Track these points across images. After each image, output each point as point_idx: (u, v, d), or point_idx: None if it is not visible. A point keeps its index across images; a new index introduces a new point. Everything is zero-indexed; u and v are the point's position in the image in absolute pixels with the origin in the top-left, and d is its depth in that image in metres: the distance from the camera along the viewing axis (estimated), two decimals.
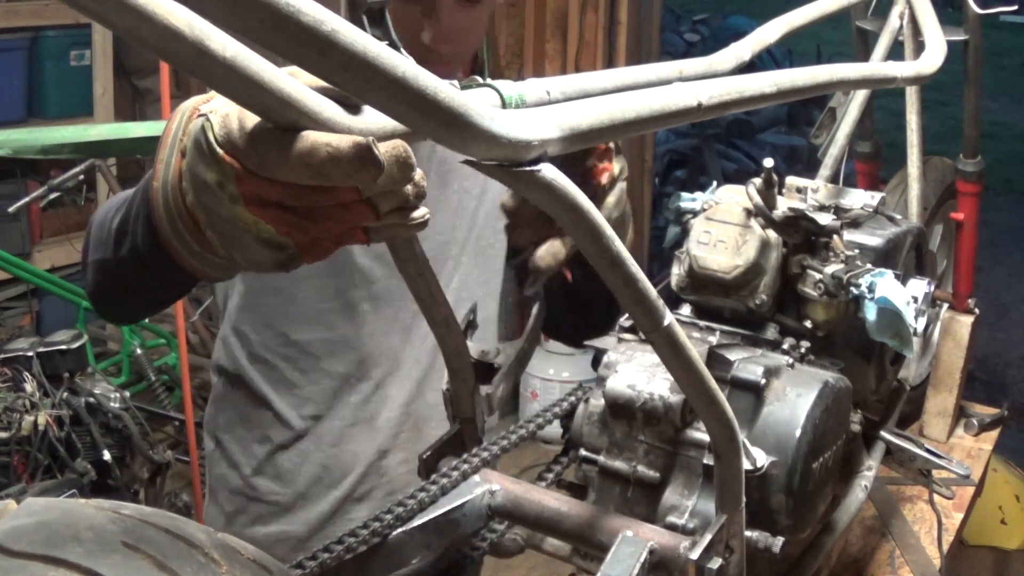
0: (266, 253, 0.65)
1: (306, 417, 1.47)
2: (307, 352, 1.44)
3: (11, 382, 2.66)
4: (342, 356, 1.45)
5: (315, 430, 1.47)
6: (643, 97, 0.72)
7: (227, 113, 0.61)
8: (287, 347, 1.45)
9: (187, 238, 0.69)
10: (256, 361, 1.47)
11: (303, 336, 1.44)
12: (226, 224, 0.64)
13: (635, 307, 0.72)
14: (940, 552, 1.70)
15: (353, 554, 0.86)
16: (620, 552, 0.89)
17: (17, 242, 3.94)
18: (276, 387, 1.47)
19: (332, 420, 1.47)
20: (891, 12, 1.85)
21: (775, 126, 7.33)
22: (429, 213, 0.66)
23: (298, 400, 1.47)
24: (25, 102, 4.03)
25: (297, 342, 1.44)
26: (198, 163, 0.64)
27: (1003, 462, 3.28)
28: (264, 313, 1.46)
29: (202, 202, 0.65)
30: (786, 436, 1.02)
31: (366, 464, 1.49)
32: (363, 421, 1.48)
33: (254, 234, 0.64)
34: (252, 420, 1.50)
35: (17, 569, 0.51)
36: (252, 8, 0.46)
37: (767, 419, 1.04)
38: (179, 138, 0.68)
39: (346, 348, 1.44)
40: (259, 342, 1.46)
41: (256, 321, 1.47)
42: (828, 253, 1.20)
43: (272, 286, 1.44)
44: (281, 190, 0.61)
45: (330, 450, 1.48)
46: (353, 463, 1.49)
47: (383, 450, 1.50)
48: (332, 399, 1.46)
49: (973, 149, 2.14)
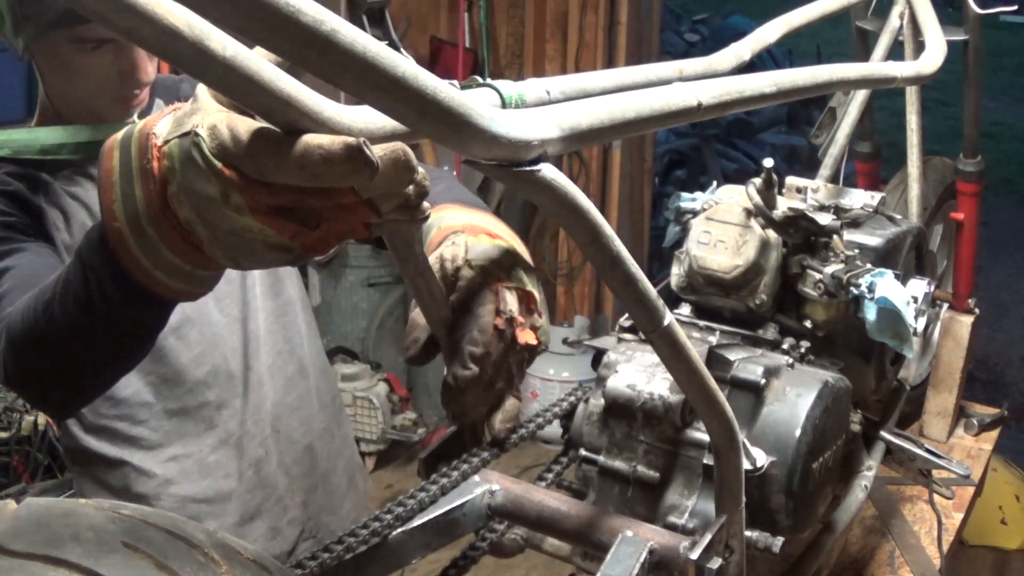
0: (274, 256, 0.65)
1: (165, 461, 1.45)
2: (136, 403, 1.42)
3: None
4: (170, 393, 1.43)
5: (179, 470, 1.45)
6: (643, 97, 0.72)
7: (214, 124, 0.61)
8: (116, 407, 1.42)
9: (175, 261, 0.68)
10: (93, 432, 1.44)
11: (126, 391, 1.41)
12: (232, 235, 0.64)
13: (635, 307, 0.72)
14: (940, 552, 1.70)
15: (353, 554, 0.86)
16: (620, 552, 0.89)
17: None
18: (123, 447, 1.44)
19: (191, 456, 1.45)
20: (891, 12, 1.85)
21: (775, 126, 7.33)
22: (431, 210, 0.66)
23: (148, 450, 1.44)
24: (25, 102, 4.03)
25: (124, 399, 1.42)
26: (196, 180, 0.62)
27: (1003, 462, 3.28)
28: None
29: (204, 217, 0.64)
30: (786, 436, 1.02)
31: (247, 481, 1.48)
32: (220, 444, 1.47)
33: (261, 240, 0.63)
34: (114, 484, 1.46)
35: (17, 569, 0.51)
36: (252, 8, 0.46)
37: (767, 419, 1.04)
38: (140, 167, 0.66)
39: (170, 384, 1.43)
40: (89, 412, 1.43)
41: None
42: (828, 253, 1.20)
43: None
44: (282, 195, 0.61)
45: (202, 483, 1.46)
46: (230, 487, 1.48)
47: (255, 461, 1.49)
48: (180, 436, 1.45)
49: (973, 149, 2.14)
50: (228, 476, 1.48)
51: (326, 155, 0.56)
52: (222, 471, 1.47)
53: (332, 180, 0.58)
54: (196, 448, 1.46)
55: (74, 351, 0.93)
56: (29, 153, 1.37)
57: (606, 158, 4.37)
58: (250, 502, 1.49)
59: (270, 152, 0.58)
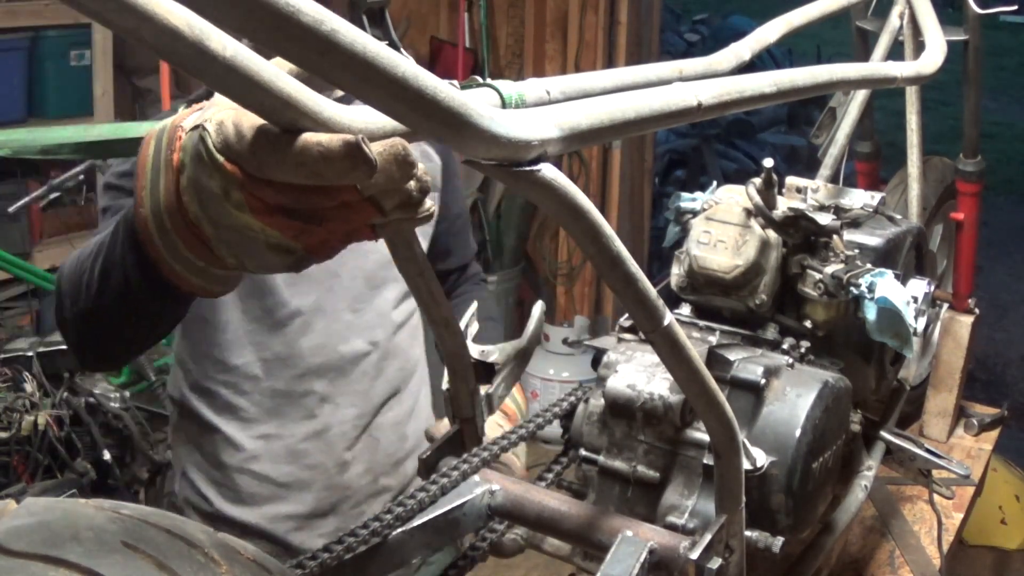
0: (276, 257, 0.65)
1: (255, 438, 1.48)
2: (245, 374, 1.46)
3: (11, 382, 2.65)
4: (279, 374, 1.46)
5: (267, 449, 1.48)
6: (643, 97, 0.72)
7: (222, 120, 0.61)
8: (224, 373, 1.46)
9: (189, 256, 0.68)
10: (196, 390, 1.49)
11: (238, 360, 1.45)
12: (234, 233, 0.64)
13: (635, 307, 0.72)
14: (940, 552, 1.70)
15: (353, 554, 0.86)
16: (620, 552, 0.89)
17: (17, 242, 3.93)
18: (221, 413, 1.48)
19: (282, 438, 1.48)
20: (891, 12, 1.85)
21: (775, 126, 7.33)
22: (435, 207, 0.66)
23: (244, 422, 1.48)
24: (25, 102, 4.02)
25: (234, 366, 1.45)
26: (200, 174, 0.63)
27: (1003, 462, 3.28)
28: (198, 342, 1.47)
29: (208, 213, 0.64)
30: (786, 436, 1.02)
31: (325, 478, 1.51)
32: (314, 436, 1.49)
33: (263, 240, 0.63)
34: (204, 446, 1.51)
35: (17, 569, 0.51)
36: (252, 8, 0.46)
37: (767, 419, 1.04)
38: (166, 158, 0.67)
39: (282, 366, 1.46)
40: (197, 371, 1.48)
41: (193, 351, 1.49)
42: (828, 253, 1.20)
43: (200, 315, 1.44)
44: (283, 194, 0.61)
45: (286, 468, 1.49)
46: (312, 479, 1.50)
47: (342, 463, 1.51)
48: (278, 417, 1.48)
49: (973, 149, 2.14)
50: (312, 468, 1.50)
51: (324, 152, 0.57)
52: (308, 461, 1.50)
53: (331, 177, 0.58)
54: (289, 432, 1.48)
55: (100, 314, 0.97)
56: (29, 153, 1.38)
57: (606, 158, 4.37)
58: (326, 499, 1.51)
59: (270, 149, 0.58)
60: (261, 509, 1.50)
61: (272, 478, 1.49)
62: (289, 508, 1.50)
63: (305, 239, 0.64)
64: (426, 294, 0.92)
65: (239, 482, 1.50)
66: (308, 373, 1.46)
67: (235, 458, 1.49)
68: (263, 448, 1.48)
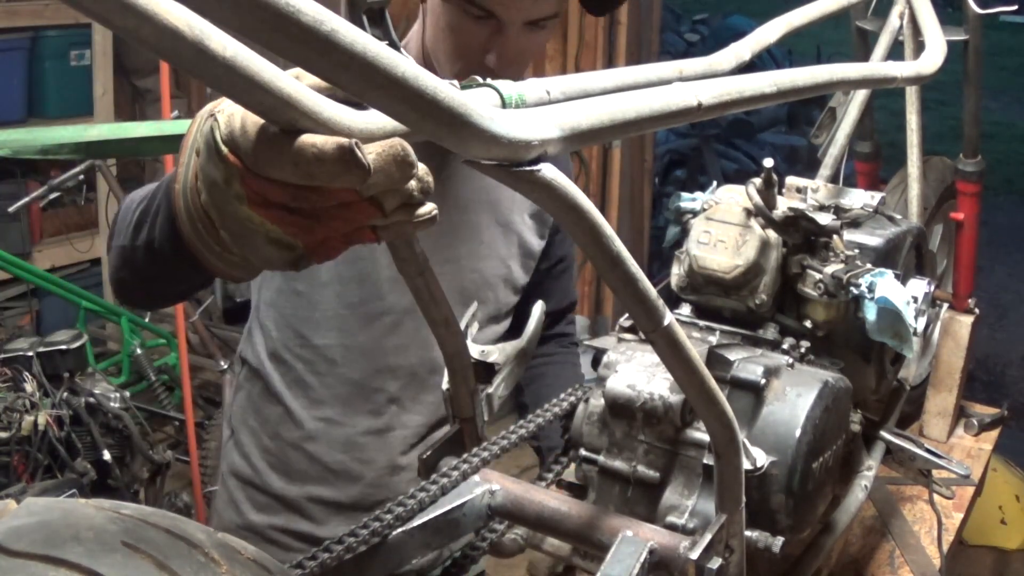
0: (275, 252, 0.66)
1: (318, 419, 1.48)
2: (324, 356, 1.45)
3: (11, 382, 2.65)
4: (358, 364, 1.45)
5: (326, 433, 1.48)
6: (643, 97, 0.72)
7: (232, 113, 0.62)
8: (305, 349, 1.46)
9: (207, 238, 0.70)
10: (274, 358, 1.49)
11: (321, 340, 1.45)
12: (235, 223, 0.66)
13: (635, 307, 0.72)
14: (940, 552, 1.70)
15: (353, 554, 0.86)
16: (620, 552, 0.89)
17: (17, 242, 3.93)
18: (291, 386, 1.48)
19: (344, 426, 1.47)
20: (891, 12, 1.85)
21: (775, 126, 7.33)
22: (437, 209, 0.66)
23: (311, 401, 1.48)
24: (25, 102, 4.03)
25: (315, 345, 1.45)
26: (208, 162, 0.65)
27: (1003, 462, 3.27)
28: (286, 313, 1.47)
29: (213, 201, 0.66)
30: (786, 436, 1.02)
31: (376, 476, 1.50)
32: (375, 432, 1.48)
33: (263, 233, 0.65)
34: (265, 414, 1.51)
35: (17, 569, 0.51)
36: (252, 8, 0.46)
37: (767, 419, 1.04)
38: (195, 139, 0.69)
39: (362, 356, 1.45)
40: (279, 339, 1.48)
41: (278, 319, 1.48)
42: (828, 253, 1.20)
43: (295, 288, 1.45)
44: (282, 191, 0.62)
45: (340, 456, 1.48)
46: (363, 473, 1.49)
47: (395, 466, 1.50)
48: (345, 405, 1.47)
49: (973, 149, 2.14)
50: (366, 463, 1.49)
51: (318, 154, 0.57)
52: (363, 455, 1.49)
53: (324, 179, 0.59)
54: (351, 423, 1.48)
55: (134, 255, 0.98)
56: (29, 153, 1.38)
57: (606, 158, 4.36)
58: (370, 496, 1.50)
59: (269, 147, 0.59)
60: (305, 487, 1.50)
61: (324, 461, 1.49)
62: (333, 494, 1.49)
63: (304, 237, 0.65)
64: (426, 294, 0.92)
65: (290, 457, 1.50)
66: (385, 370, 1.46)
67: (293, 434, 1.48)
68: (323, 431, 1.48)
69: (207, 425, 3.27)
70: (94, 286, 4.11)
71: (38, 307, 4.12)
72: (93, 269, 4.30)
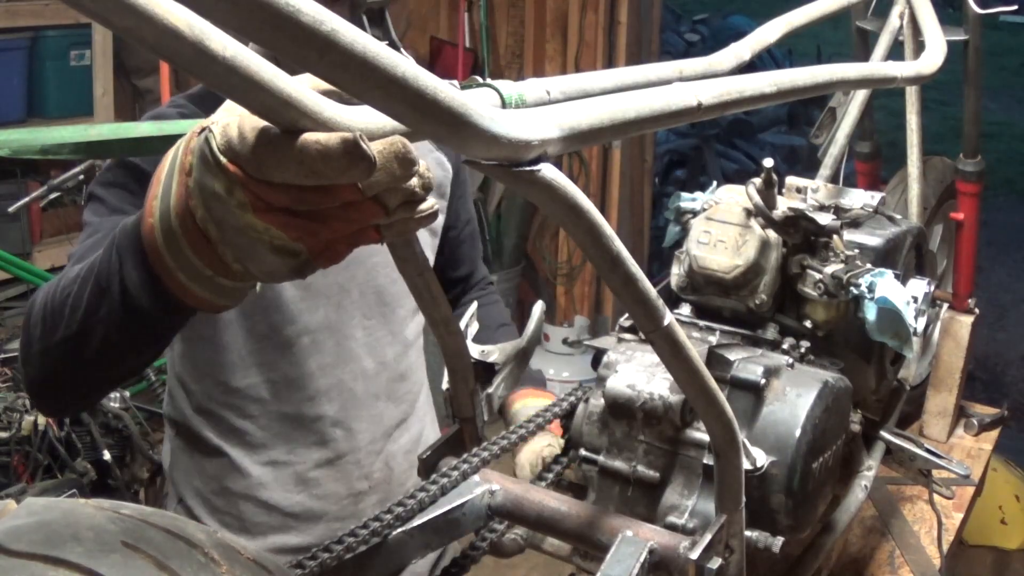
0: (280, 261, 0.65)
1: (262, 464, 1.41)
2: (250, 397, 1.38)
3: (11, 382, 2.65)
4: (288, 397, 1.39)
5: (275, 476, 1.41)
6: (643, 97, 0.72)
7: (227, 123, 0.62)
8: (228, 395, 1.38)
9: (196, 263, 0.68)
10: (201, 412, 1.41)
11: (242, 382, 1.37)
12: (238, 234, 0.64)
13: (635, 307, 0.72)
14: (940, 552, 1.70)
15: (353, 554, 0.86)
16: (620, 552, 0.89)
17: (17, 242, 3.93)
18: (226, 436, 1.40)
19: (292, 465, 1.41)
20: (891, 12, 1.85)
21: (775, 126, 7.33)
22: (438, 205, 0.66)
23: (250, 447, 1.40)
24: (25, 102, 4.02)
25: (237, 388, 1.38)
26: (205, 175, 0.63)
27: (1003, 462, 3.28)
28: (200, 362, 1.39)
29: (213, 214, 0.64)
30: (786, 436, 1.02)
31: (338, 509, 1.44)
32: (326, 463, 1.42)
33: (266, 242, 0.63)
34: (208, 472, 1.43)
35: (17, 569, 0.51)
36: (252, 8, 0.46)
37: (767, 419, 1.04)
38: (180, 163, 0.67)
39: (291, 388, 1.38)
40: (200, 392, 1.40)
41: (194, 371, 1.40)
42: (828, 253, 1.20)
43: (200, 333, 1.36)
44: (285, 194, 0.61)
45: (296, 497, 1.42)
46: (324, 509, 1.43)
47: (355, 492, 1.45)
48: (286, 442, 1.40)
49: (973, 149, 2.14)
50: (323, 497, 1.43)
51: (323, 150, 0.57)
52: (319, 490, 1.42)
53: (330, 175, 0.58)
54: (299, 459, 1.41)
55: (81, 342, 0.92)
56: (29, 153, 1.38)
57: (606, 158, 4.37)
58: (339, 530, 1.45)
59: (271, 149, 0.59)
60: (266, 539, 1.42)
61: (280, 507, 1.42)
62: (297, 539, 1.42)
63: (309, 240, 0.64)
64: (426, 294, 0.92)
65: (243, 510, 1.42)
66: (318, 395, 1.39)
67: (240, 484, 1.41)
68: (271, 475, 1.41)
69: None
70: None
71: None
72: None
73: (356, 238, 0.65)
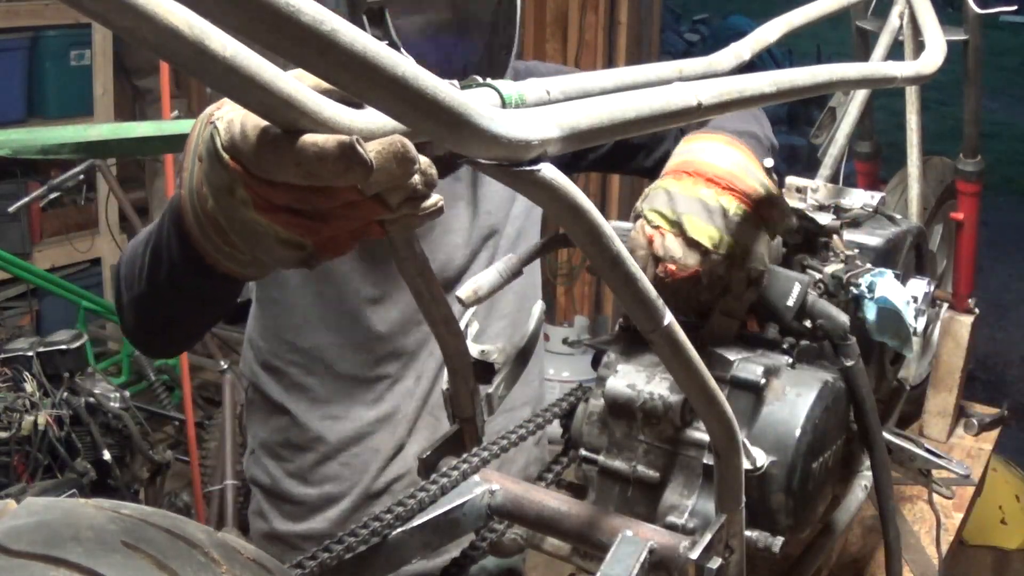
0: (286, 252, 0.67)
1: (323, 419, 1.48)
2: (315, 357, 1.45)
3: (11, 382, 2.65)
4: (352, 358, 1.45)
5: (334, 431, 1.48)
6: (643, 97, 0.72)
7: (231, 119, 0.63)
8: (294, 353, 1.46)
9: (215, 240, 0.70)
10: (267, 369, 1.49)
11: (308, 343, 1.44)
12: (244, 227, 0.66)
13: (635, 306, 0.72)
14: (939, 552, 1.70)
15: (353, 554, 0.86)
16: (620, 552, 0.89)
17: (17, 242, 3.94)
18: (289, 393, 1.48)
19: (351, 420, 1.47)
20: (891, 12, 1.85)
21: (775, 126, 7.31)
22: (443, 200, 0.66)
23: (312, 404, 1.48)
24: (25, 102, 4.03)
25: (304, 348, 1.45)
26: (211, 169, 0.65)
27: (1003, 462, 3.28)
28: (269, 322, 1.47)
29: (220, 207, 0.67)
30: (786, 436, 1.02)
31: (384, 459, 1.50)
32: (382, 418, 1.48)
33: (272, 235, 0.65)
34: (272, 424, 1.51)
35: (17, 569, 0.51)
36: (252, 8, 0.46)
37: (767, 419, 1.04)
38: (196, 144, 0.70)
39: (354, 350, 1.44)
40: (268, 350, 1.48)
41: (264, 330, 1.48)
42: (828, 253, 1.20)
43: (271, 296, 1.45)
44: (287, 193, 0.62)
45: (353, 448, 1.49)
46: (372, 459, 1.49)
47: (401, 444, 1.50)
48: (347, 400, 1.47)
49: (973, 149, 2.14)
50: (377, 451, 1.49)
51: (320, 153, 0.57)
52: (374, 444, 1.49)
53: (327, 178, 0.59)
54: (358, 415, 1.47)
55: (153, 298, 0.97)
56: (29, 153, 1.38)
57: None
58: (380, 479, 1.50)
59: (270, 149, 0.59)
60: (321, 488, 1.50)
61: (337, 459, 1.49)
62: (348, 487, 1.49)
63: (313, 236, 0.65)
64: (426, 293, 0.92)
65: (303, 461, 1.50)
66: (379, 358, 1.45)
67: (302, 438, 1.49)
68: (331, 430, 1.48)
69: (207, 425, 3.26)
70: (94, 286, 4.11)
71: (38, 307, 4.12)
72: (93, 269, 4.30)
73: (360, 233, 0.66)
